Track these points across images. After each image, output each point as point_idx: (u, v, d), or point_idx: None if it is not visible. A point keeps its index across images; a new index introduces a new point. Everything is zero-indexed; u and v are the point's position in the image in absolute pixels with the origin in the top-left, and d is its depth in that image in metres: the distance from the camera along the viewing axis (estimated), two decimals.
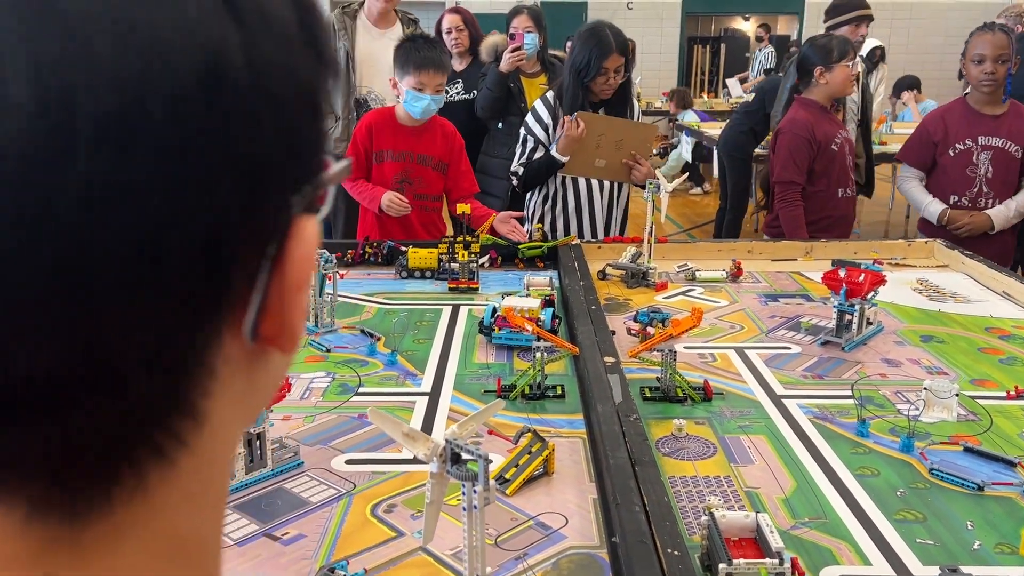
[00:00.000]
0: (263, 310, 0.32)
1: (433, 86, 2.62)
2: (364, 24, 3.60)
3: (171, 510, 0.32)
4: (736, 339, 1.92)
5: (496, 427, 1.44)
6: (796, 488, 1.28)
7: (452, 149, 2.81)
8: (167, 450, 0.31)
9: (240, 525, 1.16)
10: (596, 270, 2.39)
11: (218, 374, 0.32)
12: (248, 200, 0.30)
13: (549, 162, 2.82)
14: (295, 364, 1.74)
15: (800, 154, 3.02)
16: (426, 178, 2.78)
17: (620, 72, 2.77)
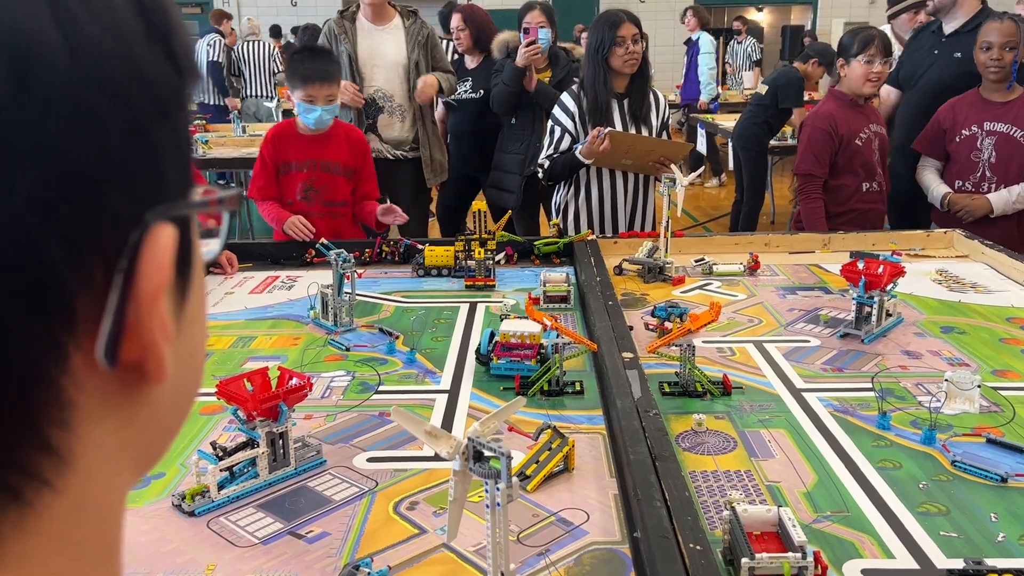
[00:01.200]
0: (120, 331, 0.29)
1: (322, 97, 2.62)
2: (363, 25, 3.59)
3: (39, 562, 0.28)
4: (755, 333, 1.92)
5: (516, 424, 1.44)
6: (817, 482, 1.28)
7: (357, 154, 2.80)
8: (24, 492, 0.27)
9: (265, 524, 1.17)
10: (612, 265, 2.38)
11: (75, 404, 0.28)
12: (74, 204, 0.27)
13: (573, 161, 2.84)
14: (315, 363, 1.75)
15: (820, 147, 3.01)
16: (331, 184, 2.75)
17: (638, 42, 2.79)
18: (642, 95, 2.91)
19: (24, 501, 0.27)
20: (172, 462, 1.35)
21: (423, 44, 3.60)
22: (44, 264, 0.26)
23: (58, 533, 0.29)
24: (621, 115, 2.89)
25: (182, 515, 1.19)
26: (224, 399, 1.27)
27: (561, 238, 2.57)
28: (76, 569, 0.30)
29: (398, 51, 3.59)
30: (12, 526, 0.27)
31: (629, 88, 2.89)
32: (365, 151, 2.83)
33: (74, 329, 0.28)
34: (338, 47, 3.53)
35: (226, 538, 1.14)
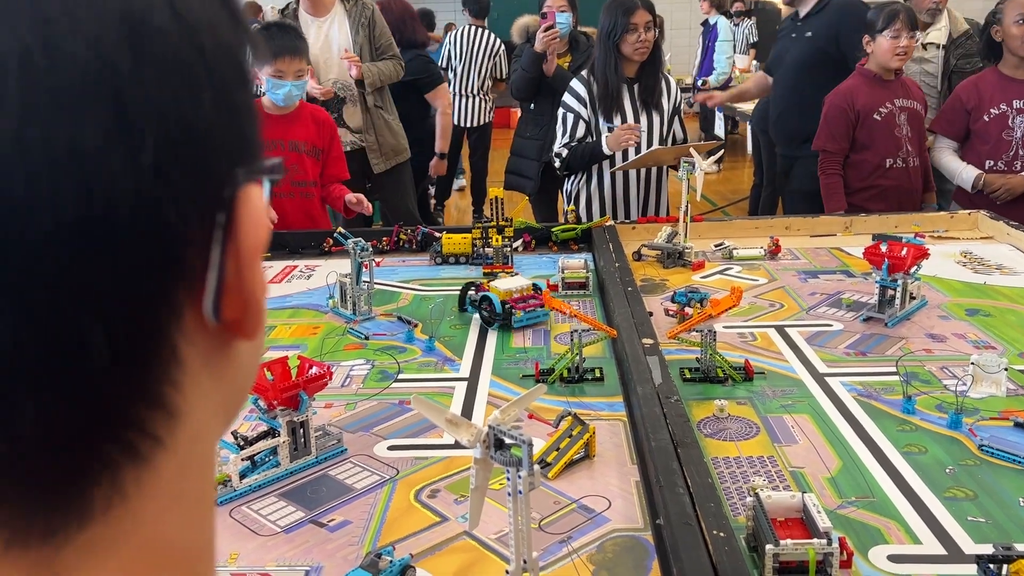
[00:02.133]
0: (222, 287, 0.30)
1: (292, 72, 2.58)
2: (306, 19, 3.43)
3: (153, 517, 0.30)
4: (776, 317, 1.90)
5: (536, 411, 1.44)
6: (842, 467, 1.26)
7: (324, 134, 2.77)
8: (141, 449, 0.29)
9: (287, 512, 1.17)
10: (631, 251, 2.37)
11: (185, 362, 0.30)
12: (186, 162, 0.29)
13: (594, 152, 2.81)
14: (335, 352, 1.75)
15: (836, 123, 3.00)
16: (301, 165, 2.72)
17: (651, 30, 2.76)
18: (654, 81, 2.87)
19: (144, 458, 0.29)
20: None
21: (366, 26, 3.47)
22: (162, 223, 0.28)
23: (170, 490, 0.30)
24: (632, 101, 2.85)
25: None
26: None
27: (579, 224, 2.55)
28: (187, 523, 0.32)
29: (344, 38, 3.46)
30: (133, 483, 0.29)
31: (640, 73, 2.86)
32: (332, 132, 2.81)
33: (188, 286, 0.29)
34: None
35: (248, 527, 1.14)
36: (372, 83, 3.46)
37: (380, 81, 3.49)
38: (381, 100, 3.58)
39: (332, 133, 2.81)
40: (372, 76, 3.44)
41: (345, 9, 3.45)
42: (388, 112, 3.61)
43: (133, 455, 0.29)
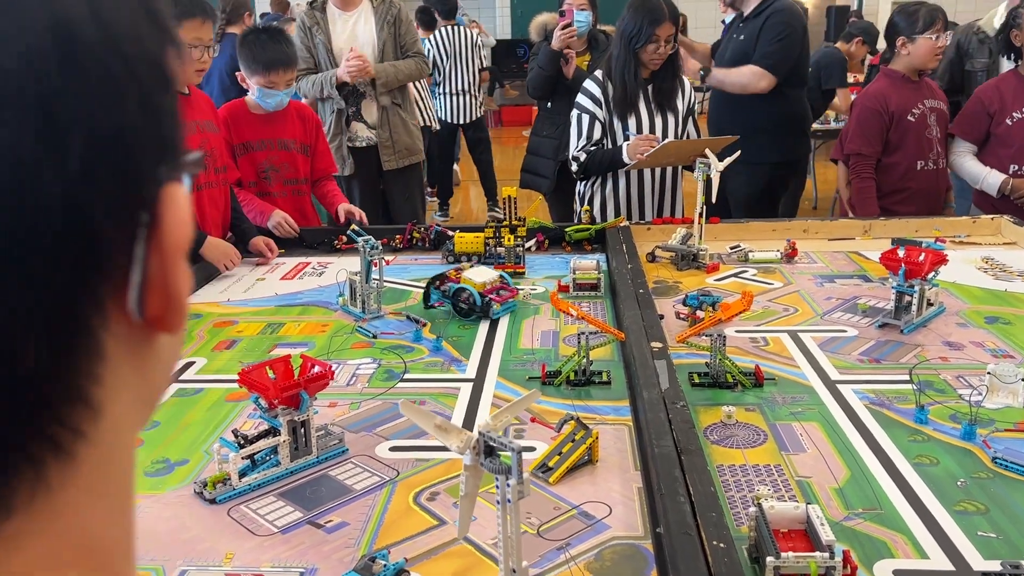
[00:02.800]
0: (146, 284, 0.32)
1: (283, 83, 2.56)
2: (334, 13, 3.48)
3: (74, 510, 0.31)
4: (790, 322, 1.87)
5: (539, 414, 1.42)
6: (850, 477, 1.24)
7: (309, 130, 2.75)
8: (64, 443, 0.30)
9: (284, 512, 1.17)
10: (645, 252, 2.34)
11: (108, 357, 0.31)
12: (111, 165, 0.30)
13: (614, 159, 2.76)
14: (342, 350, 1.75)
15: (870, 125, 2.96)
16: (292, 163, 2.71)
17: (670, 42, 2.72)
18: (670, 85, 2.83)
19: (67, 452, 0.30)
20: (196, 449, 1.35)
21: (392, 23, 3.49)
22: (88, 224, 0.29)
23: (93, 482, 0.31)
24: (647, 102, 2.82)
25: (204, 503, 1.19)
26: (246, 386, 1.27)
27: (593, 225, 2.53)
28: (108, 514, 0.33)
29: (369, 34, 3.48)
30: (57, 477, 0.30)
31: (655, 76, 2.82)
32: (317, 126, 2.80)
33: (112, 283, 0.30)
34: (313, 39, 3.45)
35: (246, 527, 1.14)
36: (385, 83, 3.46)
37: (396, 80, 3.50)
38: (400, 98, 3.58)
39: (317, 128, 2.81)
40: (386, 75, 3.45)
41: (372, 6, 3.48)
42: (405, 111, 3.61)
43: (56, 449, 0.29)
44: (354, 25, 3.48)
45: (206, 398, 1.54)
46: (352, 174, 3.49)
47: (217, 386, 1.59)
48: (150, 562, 1.06)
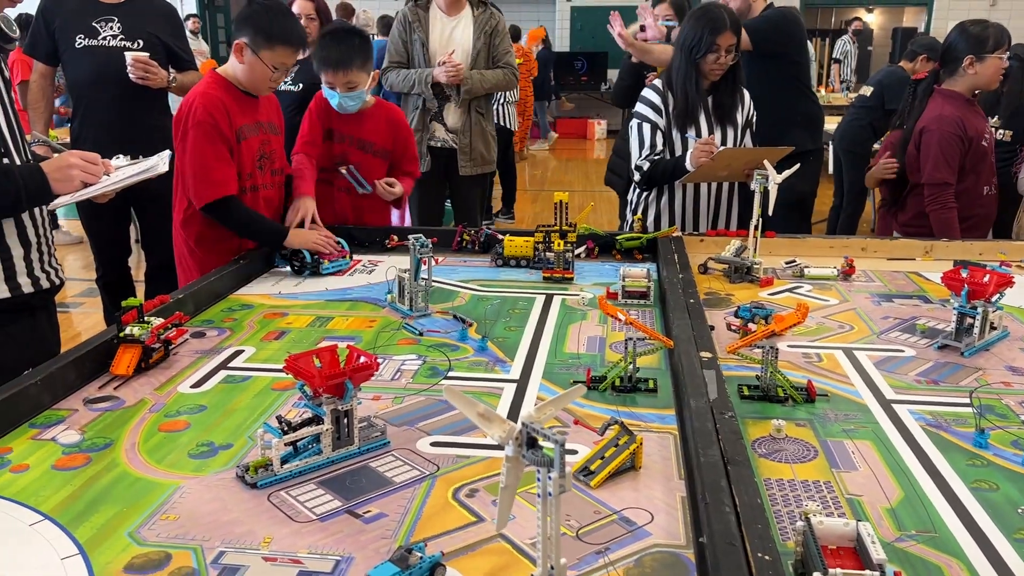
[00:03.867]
0: None
1: (341, 84, 2.53)
2: (436, 14, 3.60)
3: None
4: (845, 339, 1.82)
5: (583, 418, 1.40)
6: (903, 498, 1.19)
7: (397, 137, 2.72)
8: None
9: (324, 501, 1.17)
10: (697, 263, 2.31)
11: None
12: None
13: (676, 167, 2.73)
14: (388, 346, 1.75)
15: (952, 152, 2.85)
16: (367, 164, 2.69)
17: (731, 53, 2.68)
18: (731, 98, 2.80)
19: None
20: (240, 434, 1.36)
21: (489, 33, 3.59)
22: None
23: None
24: (707, 114, 2.78)
25: (245, 487, 1.20)
26: (292, 373, 1.28)
27: (644, 234, 2.51)
28: None
29: (466, 40, 3.58)
30: None
31: (716, 86, 2.78)
32: (405, 133, 2.76)
33: None
34: (411, 35, 3.55)
35: (285, 512, 1.14)
36: (470, 90, 3.56)
37: (482, 88, 3.61)
38: (484, 107, 3.69)
39: (406, 135, 2.78)
40: (472, 83, 3.56)
41: (473, 14, 3.58)
42: (487, 121, 3.71)
43: None
44: (453, 29, 3.60)
45: (253, 385, 1.56)
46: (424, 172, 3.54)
47: (264, 375, 1.61)
48: (190, 541, 1.07)
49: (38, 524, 1.10)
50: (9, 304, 1.72)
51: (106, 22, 3.16)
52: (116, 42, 3.16)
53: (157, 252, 3.50)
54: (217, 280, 2.10)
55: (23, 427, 1.37)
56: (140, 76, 3.11)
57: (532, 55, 10.52)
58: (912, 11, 14.15)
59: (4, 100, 1.73)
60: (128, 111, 3.18)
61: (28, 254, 1.75)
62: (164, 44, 3.26)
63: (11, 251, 1.72)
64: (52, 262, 1.86)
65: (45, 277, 1.81)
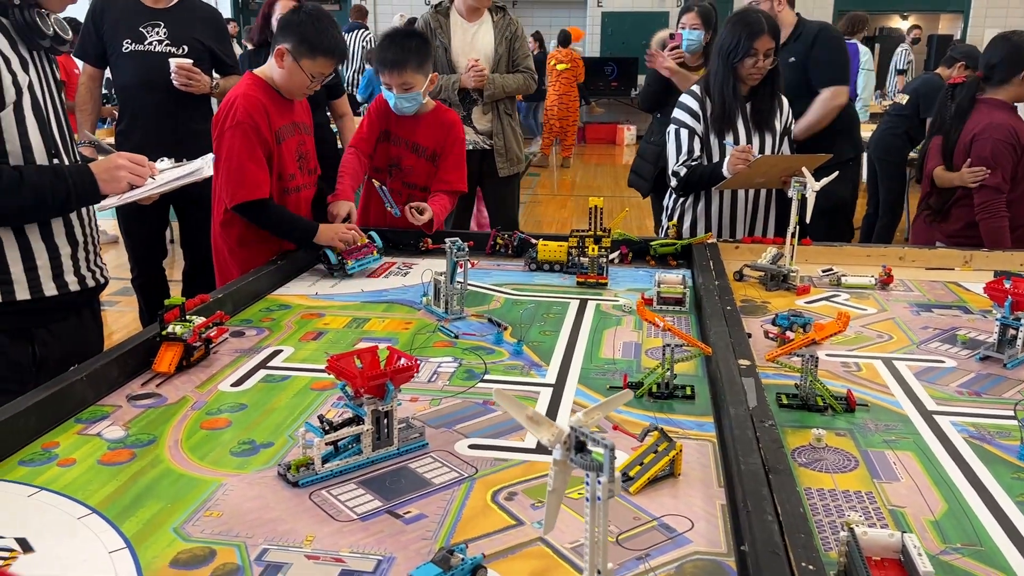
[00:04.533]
0: None
1: (396, 85, 2.54)
2: (456, 19, 3.68)
3: None
4: (884, 349, 1.80)
5: (621, 423, 1.40)
6: (947, 511, 1.18)
7: (447, 141, 2.68)
8: None
9: (364, 500, 1.17)
10: (732, 270, 2.30)
11: None
12: None
13: (714, 173, 2.72)
14: (424, 348, 1.76)
15: (1005, 160, 2.82)
16: (416, 168, 2.69)
17: (770, 57, 2.67)
18: (769, 104, 2.78)
19: None
20: (280, 433, 1.38)
21: (510, 39, 3.69)
22: None
23: None
24: (744, 120, 2.77)
25: (286, 485, 1.21)
26: (334, 373, 1.29)
27: (679, 240, 2.50)
28: None
29: (487, 44, 3.68)
30: None
31: (754, 92, 2.77)
32: (453, 139, 2.70)
33: None
34: (434, 41, 3.61)
35: (326, 511, 1.15)
36: (491, 95, 3.67)
37: (503, 92, 3.70)
38: (511, 109, 3.79)
39: (455, 140, 2.70)
40: (494, 87, 3.65)
41: (493, 19, 3.70)
42: (515, 121, 3.82)
43: None
44: (474, 35, 3.69)
45: (292, 385, 1.57)
46: None
47: (303, 374, 1.62)
48: (233, 538, 1.08)
49: (86, 517, 1.12)
50: (55, 302, 1.76)
51: (152, 27, 3.21)
52: (162, 47, 3.21)
53: (196, 252, 3.55)
54: (255, 280, 2.13)
55: (69, 422, 1.40)
56: (183, 83, 3.16)
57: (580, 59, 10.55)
58: (948, 18, 13.97)
59: (56, 101, 1.77)
60: (173, 116, 3.23)
61: (75, 253, 1.78)
62: (208, 49, 3.30)
63: (59, 250, 1.75)
64: (98, 261, 1.89)
65: (91, 276, 1.84)
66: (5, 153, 1.63)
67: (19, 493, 1.18)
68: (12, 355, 1.72)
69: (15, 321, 1.72)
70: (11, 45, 1.67)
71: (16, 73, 1.65)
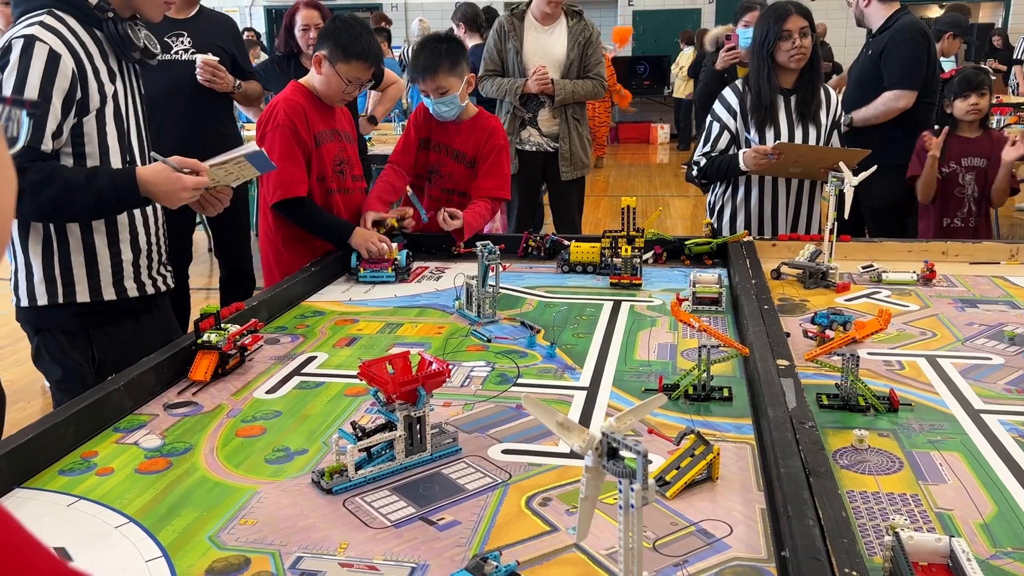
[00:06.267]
0: None
1: (432, 90, 2.51)
2: (531, 23, 3.73)
3: None
4: (927, 347, 1.75)
5: (657, 427, 1.38)
6: (997, 513, 1.14)
7: (485, 148, 2.62)
8: None
9: (398, 507, 1.17)
10: (770, 269, 2.26)
11: None
12: None
13: (731, 166, 2.72)
14: (457, 352, 1.76)
15: None
16: (456, 174, 2.66)
17: (806, 35, 2.64)
18: (812, 92, 2.75)
19: None
20: (315, 440, 1.38)
21: (583, 44, 3.73)
22: None
23: None
24: (787, 113, 2.73)
25: (320, 492, 1.21)
26: (366, 380, 1.29)
27: (714, 238, 2.46)
28: None
29: (560, 49, 3.72)
30: None
31: (797, 84, 2.74)
32: (496, 146, 2.63)
33: None
34: (506, 44, 3.69)
35: (360, 518, 1.14)
36: (562, 99, 3.73)
37: (573, 97, 3.76)
38: (579, 114, 3.84)
39: (496, 148, 2.63)
40: (564, 92, 3.71)
41: (568, 24, 3.75)
42: (583, 126, 3.87)
43: None
44: (547, 39, 3.76)
45: (326, 391, 1.58)
46: (515, 174, 3.67)
47: (337, 381, 1.62)
48: (268, 546, 1.08)
49: (123, 526, 1.13)
50: (114, 306, 1.81)
51: (177, 36, 3.26)
52: (188, 56, 3.26)
53: (231, 260, 3.59)
54: (290, 287, 2.14)
55: (108, 431, 1.41)
56: (208, 78, 3.21)
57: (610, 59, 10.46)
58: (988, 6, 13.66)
59: (139, 113, 1.85)
60: (201, 120, 3.29)
61: (137, 259, 1.85)
62: (230, 55, 3.36)
63: (121, 255, 1.82)
64: (161, 269, 1.95)
65: (151, 283, 1.90)
66: (84, 155, 1.74)
67: (59, 503, 1.19)
68: (72, 355, 1.79)
69: (75, 323, 1.80)
70: (102, 56, 1.76)
71: (104, 83, 1.74)
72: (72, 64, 1.69)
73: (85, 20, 1.75)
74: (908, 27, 3.51)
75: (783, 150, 2.57)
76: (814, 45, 2.70)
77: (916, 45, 3.49)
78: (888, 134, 3.44)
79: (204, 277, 5.52)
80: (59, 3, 1.73)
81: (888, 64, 3.49)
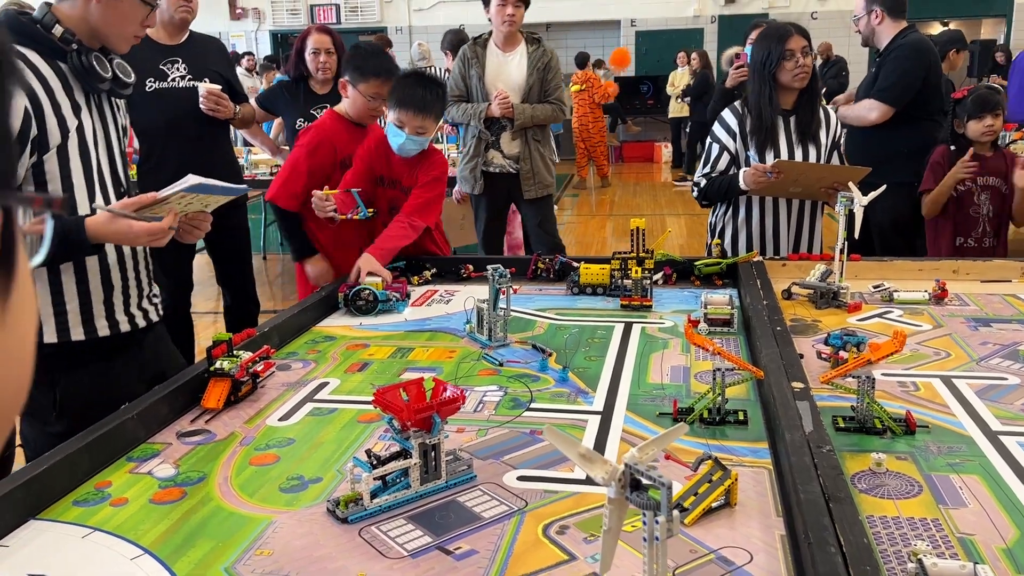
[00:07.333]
0: None
1: (411, 126, 2.44)
2: (492, 49, 3.89)
3: None
4: (942, 367, 1.74)
5: (673, 452, 1.37)
6: (1020, 537, 1.12)
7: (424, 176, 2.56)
8: None
9: (414, 536, 1.16)
10: (780, 289, 2.25)
11: None
12: None
13: (731, 186, 2.72)
14: (469, 377, 1.75)
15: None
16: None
17: (808, 54, 2.66)
18: (811, 112, 2.75)
19: None
20: (329, 468, 1.37)
21: (542, 69, 3.88)
22: None
23: None
24: (787, 133, 2.74)
25: (336, 521, 1.20)
26: (380, 407, 1.28)
27: (724, 259, 2.46)
28: None
29: (519, 74, 3.88)
30: None
31: (797, 104, 2.74)
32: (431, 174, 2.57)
33: None
34: (469, 70, 3.87)
35: (376, 548, 1.14)
36: (521, 123, 3.87)
37: (532, 120, 3.89)
38: (540, 136, 3.98)
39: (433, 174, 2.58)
40: (523, 116, 3.86)
41: (527, 50, 3.90)
42: (544, 147, 4.00)
43: None
44: (508, 64, 3.91)
45: (339, 418, 1.57)
46: (481, 194, 3.98)
47: (350, 407, 1.62)
48: None
49: (139, 558, 1.12)
50: (82, 347, 1.77)
51: (172, 63, 3.27)
52: (185, 82, 3.27)
53: (233, 287, 3.59)
54: (301, 313, 2.14)
55: (121, 460, 1.41)
56: (211, 108, 3.24)
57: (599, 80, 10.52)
58: (990, 23, 13.71)
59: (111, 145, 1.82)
60: (200, 147, 3.30)
61: (110, 298, 1.78)
62: (225, 79, 3.38)
63: (90, 295, 1.75)
64: (144, 303, 1.90)
65: (127, 321, 1.84)
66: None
67: (74, 534, 1.19)
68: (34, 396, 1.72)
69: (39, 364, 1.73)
70: (65, 89, 1.70)
71: (65, 117, 1.69)
72: (25, 100, 1.62)
73: (48, 53, 1.70)
74: (909, 44, 3.53)
75: (782, 168, 2.56)
76: (813, 65, 2.70)
77: (911, 63, 3.51)
78: (894, 151, 3.45)
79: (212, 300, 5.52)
80: (19, 36, 1.68)
81: (879, 78, 3.57)
